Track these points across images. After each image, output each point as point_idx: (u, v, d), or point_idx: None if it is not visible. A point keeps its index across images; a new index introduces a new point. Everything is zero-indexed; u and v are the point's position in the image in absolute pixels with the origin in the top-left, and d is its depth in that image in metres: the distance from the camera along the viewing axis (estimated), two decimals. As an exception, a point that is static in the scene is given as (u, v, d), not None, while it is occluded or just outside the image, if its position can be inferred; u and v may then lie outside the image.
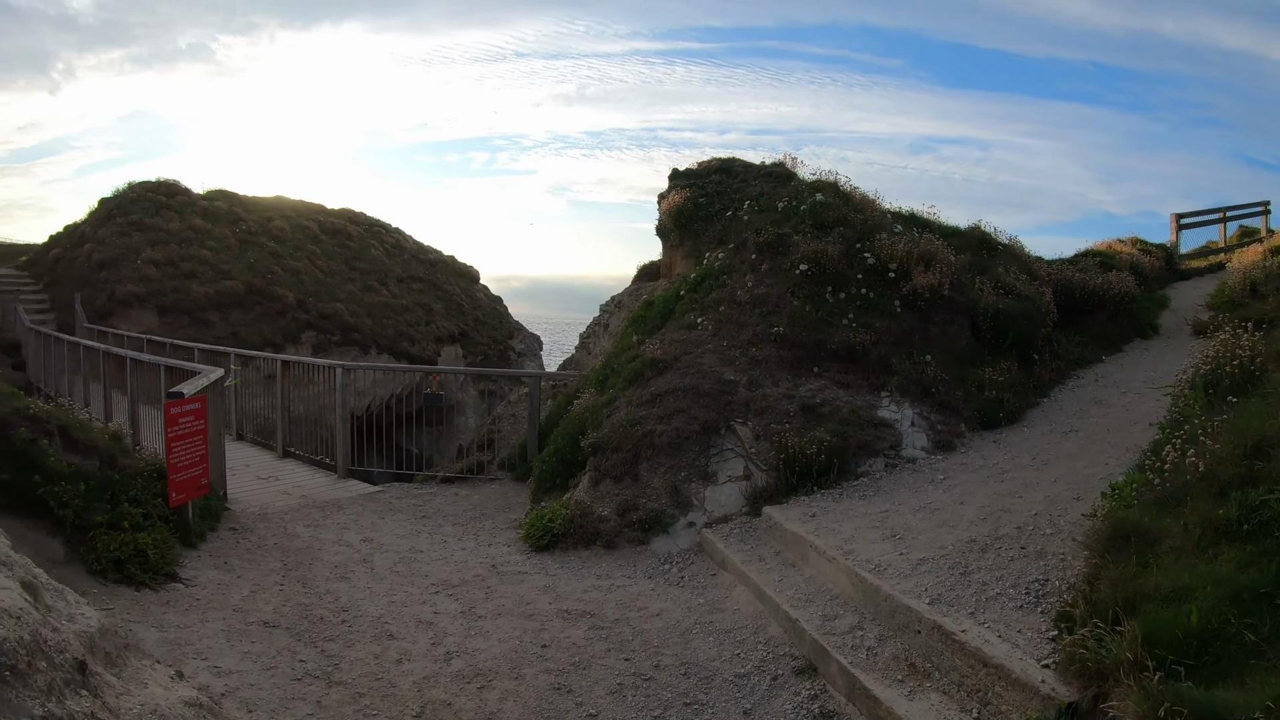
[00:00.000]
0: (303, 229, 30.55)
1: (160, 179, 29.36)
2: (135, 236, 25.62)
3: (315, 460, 12.28)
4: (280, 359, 13.29)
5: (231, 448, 13.42)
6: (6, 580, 3.98)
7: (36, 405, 7.38)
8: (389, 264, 32.33)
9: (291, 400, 13.10)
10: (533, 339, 36.26)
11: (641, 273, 15.24)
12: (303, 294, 26.53)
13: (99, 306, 22.99)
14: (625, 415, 8.62)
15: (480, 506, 9.92)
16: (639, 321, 11.09)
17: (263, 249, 27.77)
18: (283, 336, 24.67)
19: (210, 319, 24.09)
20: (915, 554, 5.67)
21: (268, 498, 10.29)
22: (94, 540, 6.74)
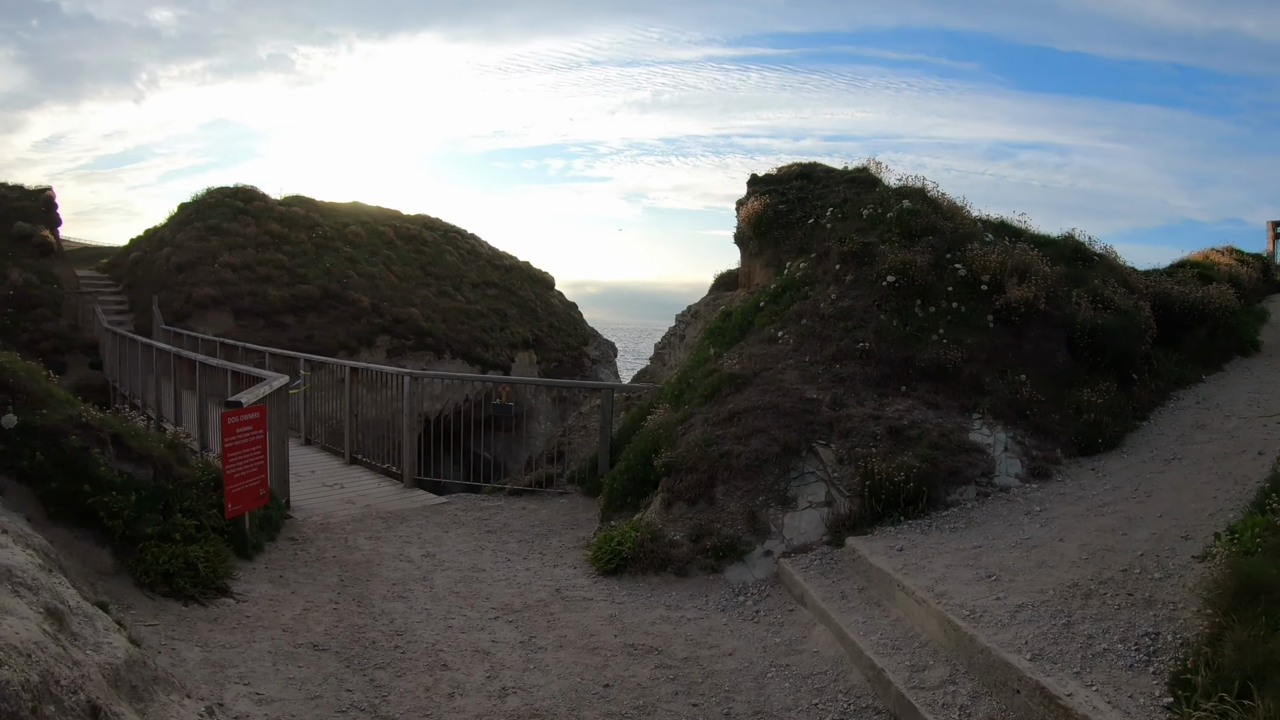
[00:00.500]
0: (378, 234, 30.91)
1: (238, 185, 30.00)
2: (213, 240, 26.14)
3: (382, 468, 12.20)
4: (349, 365, 13.27)
5: (299, 452, 13.46)
6: (27, 609, 3.81)
7: (90, 413, 7.32)
8: (464, 269, 32.52)
9: (360, 406, 13.08)
10: (607, 345, 36.16)
11: (719, 282, 14.83)
12: (378, 298, 26.79)
13: (176, 308, 23.45)
14: (701, 434, 8.27)
15: (548, 522, 9.71)
16: (716, 333, 10.77)
17: (338, 254, 28.13)
18: (357, 340, 24.93)
19: (285, 322, 24.44)
20: (1013, 598, 5.25)
21: (331, 506, 10.21)
22: (143, 552, 6.64)
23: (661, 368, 14.39)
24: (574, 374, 31.72)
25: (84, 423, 7.13)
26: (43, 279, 23.22)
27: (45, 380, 7.72)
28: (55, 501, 6.61)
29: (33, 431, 6.82)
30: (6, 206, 26.24)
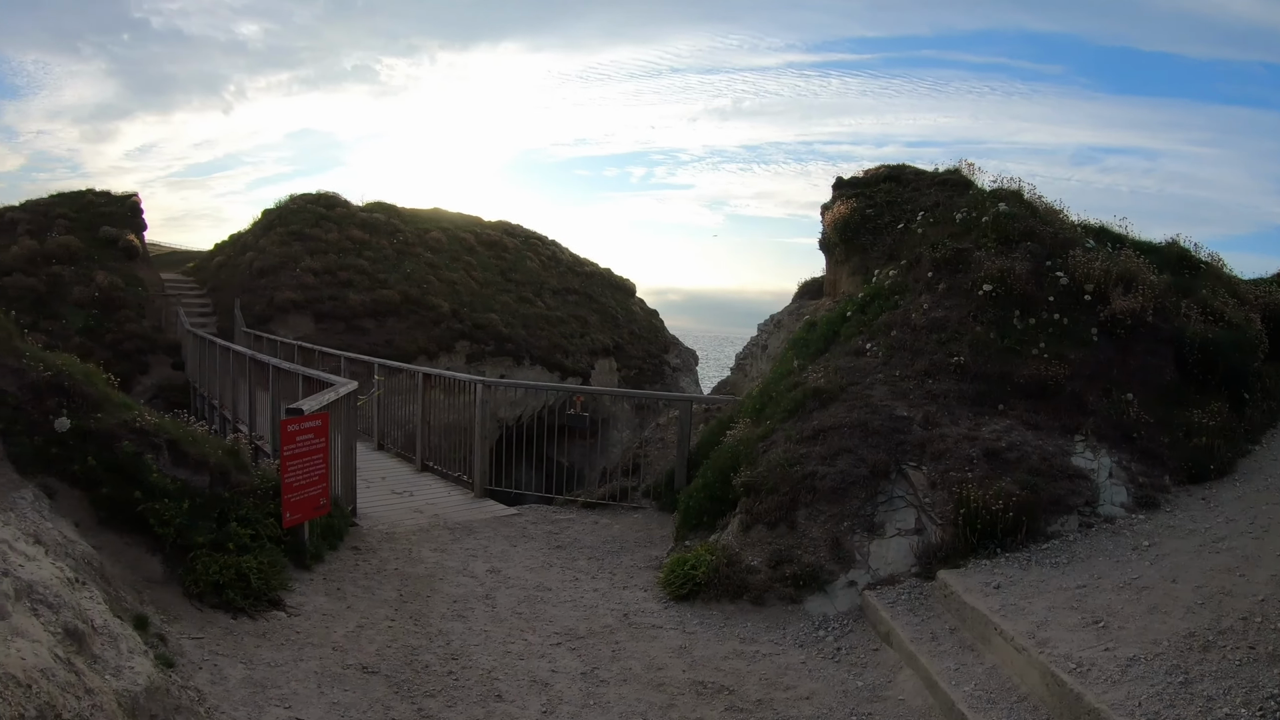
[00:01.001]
0: (459, 240, 31.08)
1: (321, 192, 30.56)
2: (295, 246, 26.57)
3: (453, 476, 12.04)
4: (422, 371, 13.15)
5: (371, 458, 13.41)
6: (42, 631, 3.54)
7: (145, 418, 7.22)
8: (544, 276, 32.52)
9: (433, 413, 12.96)
10: (688, 354, 35.80)
11: (802, 290, 14.28)
12: (458, 304, 26.89)
13: (258, 312, 23.80)
14: (783, 452, 7.82)
15: (620, 539, 9.38)
16: (800, 344, 10.31)
17: (419, 259, 28.34)
18: (437, 345, 25.02)
19: (366, 326, 24.63)
20: (1123, 649, 4.72)
21: (398, 515, 10.07)
22: (194, 561, 6.52)
23: (743, 379, 13.96)
24: (654, 382, 31.45)
25: (138, 428, 7.04)
26: (128, 282, 23.74)
27: (104, 383, 7.65)
28: (106, 507, 6.57)
29: (86, 435, 6.76)
30: (94, 212, 26.94)
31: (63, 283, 22.62)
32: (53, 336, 20.00)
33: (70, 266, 23.30)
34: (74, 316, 21.50)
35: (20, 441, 6.55)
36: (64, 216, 25.96)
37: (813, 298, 13.54)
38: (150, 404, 20.18)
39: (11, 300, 20.94)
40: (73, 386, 7.11)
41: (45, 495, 6.32)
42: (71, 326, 21.05)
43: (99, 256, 24.41)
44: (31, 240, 23.94)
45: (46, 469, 6.51)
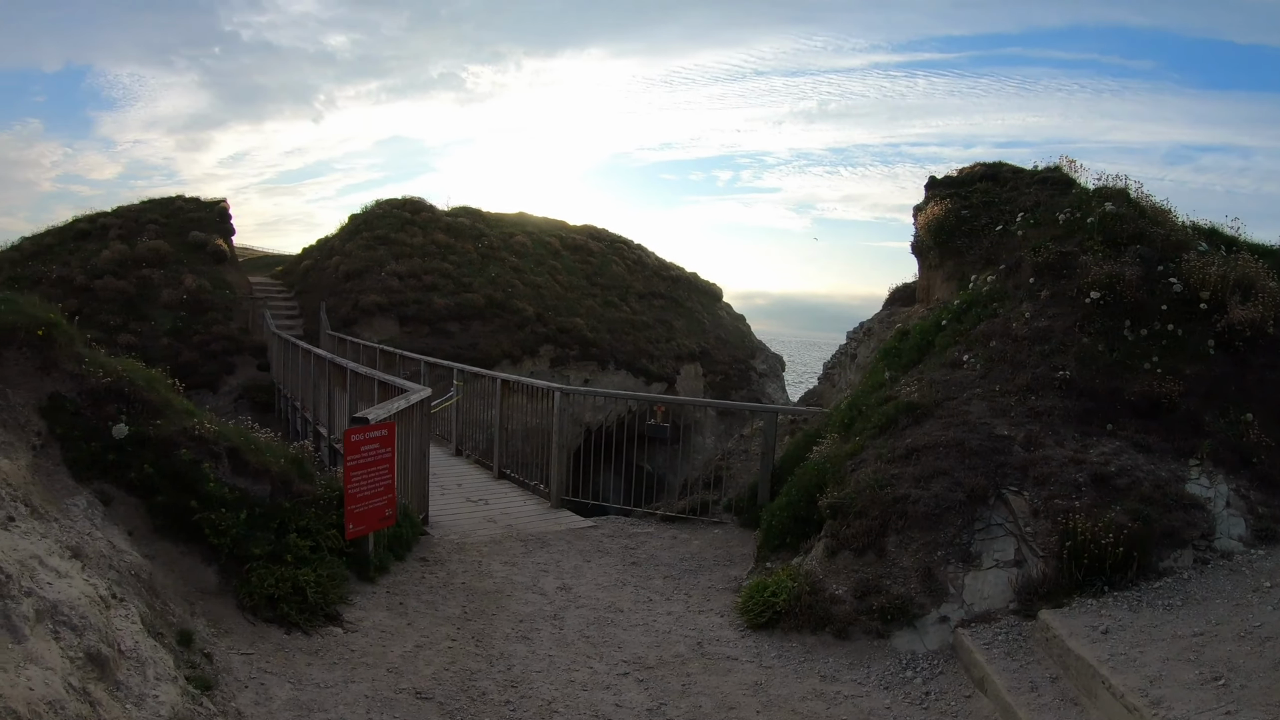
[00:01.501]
0: (544, 244, 31.07)
1: (406, 197, 30.89)
2: (380, 250, 26.84)
3: (530, 485, 11.83)
4: (500, 377, 12.98)
5: (449, 463, 13.30)
6: (58, 657, 3.25)
7: (206, 425, 7.12)
8: (630, 280, 32.30)
9: (511, 420, 12.78)
10: (775, 359, 35.21)
11: (894, 296, 13.65)
12: (542, 308, 26.81)
13: (344, 314, 24.03)
14: (873, 472, 7.33)
15: (698, 556, 9.02)
16: (892, 354, 9.79)
17: (504, 263, 28.38)
18: (521, 349, 24.97)
19: (450, 329, 24.70)
20: (1248, 713, 4.19)
21: (471, 524, 9.90)
22: (249, 573, 6.40)
23: (830, 389, 13.45)
24: (740, 389, 30.98)
25: (197, 435, 6.94)
26: (215, 285, 24.23)
27: (167, 389, 7.57)
28: (162, 515, 6.54)
29: (144, 442, 6.69)
30: (183, 217, 27.57)
31: (152, 286, 23.18)
32: (142, 338, 20.56)
33: (159, 270, 23.87)
34: (163, 318, 22.00)
35: (77, 447, 6.49)
36: (154, 222, 26.58)
37: (904, 304, 12.98)
38: (235, 404, 20.64)
39: (102, 302, 21.55)
40: (133, 392, 7.02)
41: (100, 502, 6.26)
42: (160, 328, 21.56)
43: (188, 260, 24.98)
44: (122, 245, 24.57)
45: (103, 475, 6.46)
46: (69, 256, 23.97)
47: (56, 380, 6.89)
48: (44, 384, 6.82)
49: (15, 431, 6.31)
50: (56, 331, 7.13)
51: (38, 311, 7.20)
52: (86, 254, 24.09)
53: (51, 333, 7.06)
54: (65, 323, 7.44)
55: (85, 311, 21.23)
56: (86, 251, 24.28)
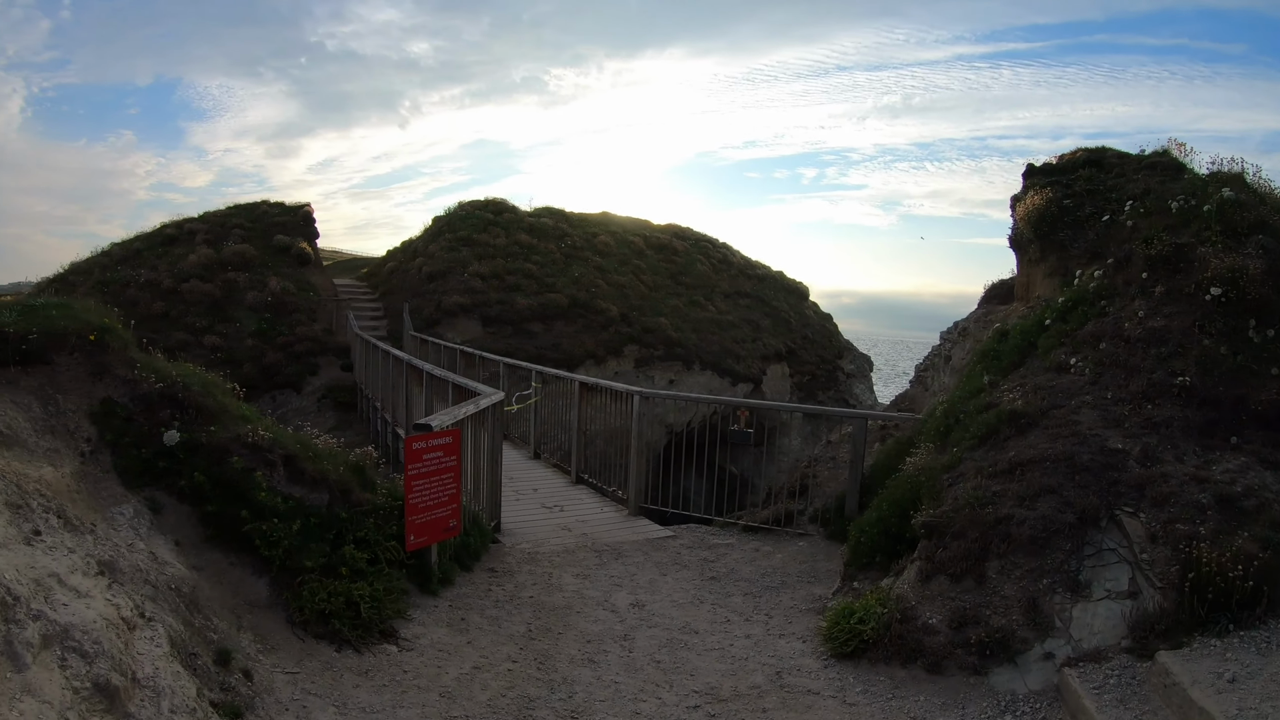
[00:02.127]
0: (628, 244, 30.71)
1: (489, 198, 30.87)
2: (463, 251, 26.78)
3: (607, 491, 11.46)
4: (578, 380, 12.61)
5: (526, 467, 13.03)
6: (58, 688, 3.01)
7: (261, 432, 6.86)
8: (715, 279, 31.75)
9: (590, 423, 12.41)
10: (863, 359, 34.27)
11: (990, 294, 12.81)
12: (626, 308, 26.44)
13: (427, 315, 23.96)
14: (973, 488, 6.65)
15: (781, 571, 8.50)
16: (990, 357, 9.05)
17: (587, 263, 28.07)
18: (605, 350, 24.63)
19: (533, 330, 24.48)
20: None
21: (545, 532, 9.59)
22: (301, 587, 6.11)
23: (923, 393, 12.70)
24: (827, 389, 30.22)
25: (251, 443, 6.69)
26: (300, 287, 24.46)
27: (224, 394, 7.35)
28: (213, 524, 6.30)
29: (196, 449, 6.50)
30: (268, 222, 27.94)
31: (237, 288, 23.49)
32: (227, 339, 20.85)
33: (245, 273, 24.19)
34: (248, 320, 22.25)
35: (128, 454, 6.33)
36: (240, 226, 26.99)
37: (1001, 302, 12.18)
38: (319, 404, 20.77)
39: (189, 305, 21.89)
40: (187, 398, 6.82)
41: (149, 510, 6.09)
42: (245, 330, 21.82)
43: (272, 263, 25.31)
44: (209, 249, 24.98)
45: (154, 483, 6.30)
46: (157, 261, 24.38)
47: (109, 385, 6.73)
48: (96, 389, 6.66)
49: (64, 438, 6.16)
50: (110, 336, 6.95)
51: (91, 316, 7.02)
52: (174, 258, 24.52)
53: (105, 337, 6.88)
54: (120, 327, 7.26)
55: (172, 314, 21.65)
56: (174, 256, 24.72)
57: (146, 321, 21.40)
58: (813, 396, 29.58)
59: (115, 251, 25.66)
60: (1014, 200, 11.19)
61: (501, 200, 31.25)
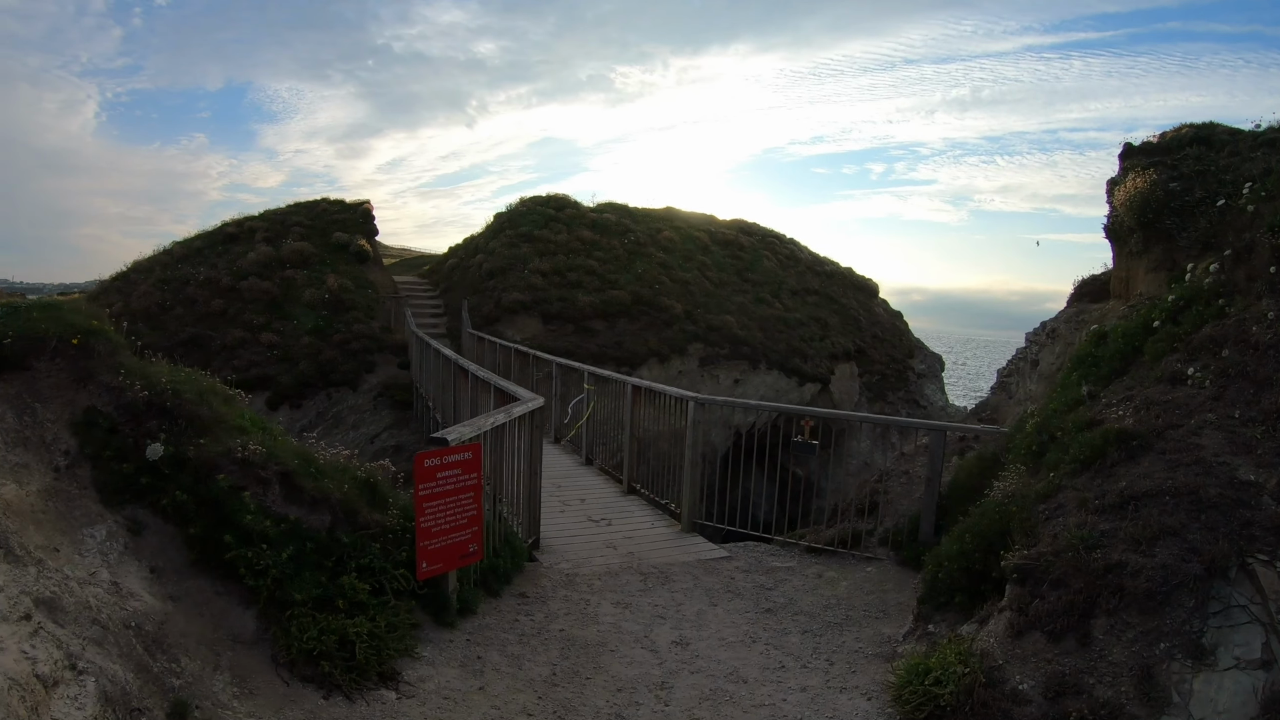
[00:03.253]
0: (692, 239, 29.72)
1: (551, 194, 30.04)
2: (524, 247, 26.05)
3: (660, 503, 10.55)
4: (630, 383, 11.66)
5: (577, 474, 12.18)
6: None
7: (252, 446, 6.08)
8: (782, 275, 30.57)
9: (643, 428, 11.48)
10: (934, 359, 32.76)
11: (1080, 291, 11.43)
12: (691, 305, 25.45)
13: (486, 313, 23.28)
14: (1075, 526, 5.43)
15: (846, 603, 7.50)
16: (1087, 363, 7.81)
17: (650, 259, 27.14)
18: (668, 348, 23.69)
19: (595, 328, 23.65)
20: None
21: (588, 550, 8.73)
22: (290, 622, 5.31)
23: (1007, 400, 11.44)
24: (897, 389, 28.91)
25: (241, 458, 5.91)
26: (357, 284, 23.94)
27: (222, 402, 6.60)
28: (198, 548, 5.63)
29: (182, 464, 5.88)
30: (327, 219, 27.52)
31: (295, 286, 23.07)
32: (284, 337, 20.43)
33: (303, 270, 23.80)
34: (304, 317, 21.78)
35: (109, 469, 5.71)
36: (300, 224, 26.64)
37: (1093, 300, 10.90)
38: (375, 402, 20.15)
39: (247, 302, 21.55)
40: (177, 407, 6.10)
41: (128, 532, 5.50)
42: (302, 327, 21.36)
43: (331, 260, 24.88)
44: (268, 247, 24.67)
45: (137, 500, 5.68)
46: (216, 259, 24.17)
47: (93, 393, 6.07)
48: (79, 397, 6.02)
49: (37, 451, 5.51)
50: (96, 340, 6.24)
51: (77, 319, 6.32)
52: (233, 256, 24.29)
53: (89, 341, 6.18)
54: (110, 330, 6.56)
55: (230, 312, 21.29)
56: (233, 254, 24.48)
57: (205, 319, 21.11)
58: (882, 397, 28.31)
59: (177, 250, 25.51)
60: (1111, 185, 9.93)
61: (563, 196, 30.46)
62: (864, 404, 27.55)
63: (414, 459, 6.21)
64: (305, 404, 19.68)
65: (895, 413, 27.84)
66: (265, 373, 19.73)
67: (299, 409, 19.57)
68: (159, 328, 21.09)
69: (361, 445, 19.29)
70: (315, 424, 19.41)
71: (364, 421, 19.89)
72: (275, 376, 19.72)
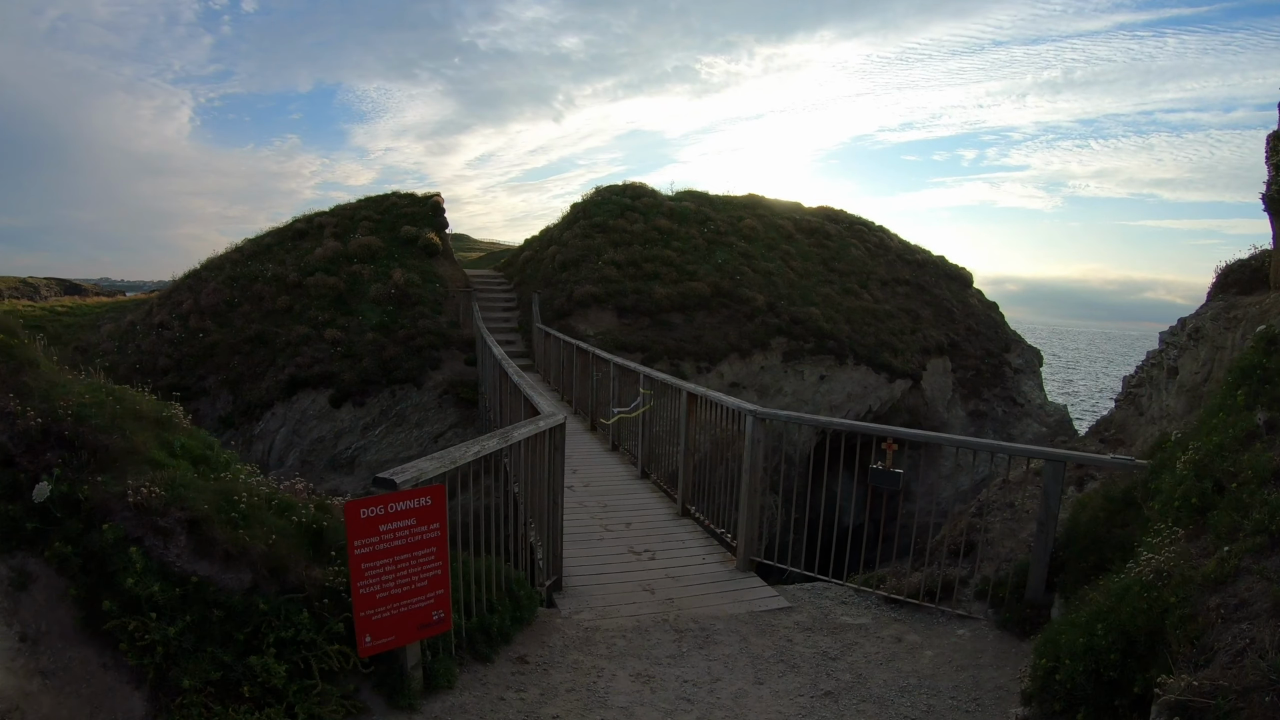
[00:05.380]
0: (776, 228, 27.49)
1: (627, 182, 28.18)
2: (597, 238, 24.23)
3: (715, 532, 8.68)
4: (686, 389, 9.73)
5: (628, 489, 10.45)
6: None
7: (154, 489, 4.51)
8: (871, 265, 28.13)
9: (700, 440, 9.59)
10: (1032, 353, 29.80)
11: (1227, 279, 8.86)
12: (774, 296, 23.33)
13: (558, 306, 21.54)
14: (1272, 638, 3.27)
15: (928, 685, 5.52)
16: (1256, 378, 5.45)
17: (731, 249, 25.03)
18: (750, 342, 21.66)
19: (672, 321, 21.74)
20: None
21: (619, 593, 6.96)
22: (179, 714, 4.07)
23: (1136, 417, 9.03)
24: (993, 386, 26.32)
25: (136, 502, 4.42)
26: (424, 278, 22.48)
27: (144, 427, 5.11)
28: (86, 607, 4.33)
29: (75, 506, 4.52)
30: (396, 213, 26.22)
31: (361, 281, 21.78)
32: (348, 333, 19.22)
33: (369, 265, 22.53)
34: (369, 313, 20.41)
35: None
36: (368, 219, 25.47)
37: (1242, 291, 8.51)
38: (440, 400, 18.56)
39: (312, 299, 20.40)
40: (78, 436, 4.63)
41: (12, 584, 4.28)
42: (366, 323, 20.02)
43: (398, 254, 23.57)
44: (335, 242, 23.56)
45: (27, 547, 4.43)
46: (285, 255, 23.18)
47: None
48: None
49: None
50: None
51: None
52: (301, 252, 23.27)
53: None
54: (17, 342, 5.06)
55: (296, 308, 20.13)
56: (302, 250, 23.46)
57: (270, 316, 19.96)
58: (976, 394, 25.76)
59: (247, 247, 24.63)
60: (1272, 141, 7.58)
61: (640, 184, 28.55)
62: (957, 401, 25.08)
63: (344, 509, 4.50)
64: (369, 401, 18.29)
65: (991, 411, 25.30)
66: (328, 370, 18.45)
67: (362, 406, 18.20)
68: (226, 324, 20.11)
69: (425, 444, 17.89)
70: (378, 422, 18.08)
71: (428, 420, 18.41)
72: (338, 374, 18.40)
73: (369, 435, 17.99)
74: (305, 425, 17.99)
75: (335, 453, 17.84)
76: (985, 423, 25.28)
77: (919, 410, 23.52)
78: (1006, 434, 25.59)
